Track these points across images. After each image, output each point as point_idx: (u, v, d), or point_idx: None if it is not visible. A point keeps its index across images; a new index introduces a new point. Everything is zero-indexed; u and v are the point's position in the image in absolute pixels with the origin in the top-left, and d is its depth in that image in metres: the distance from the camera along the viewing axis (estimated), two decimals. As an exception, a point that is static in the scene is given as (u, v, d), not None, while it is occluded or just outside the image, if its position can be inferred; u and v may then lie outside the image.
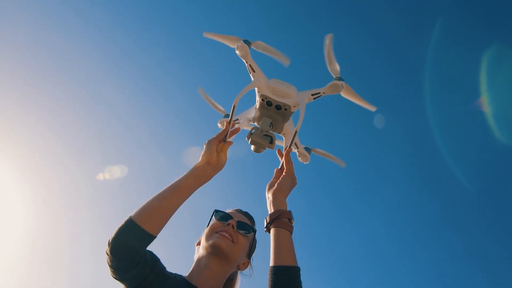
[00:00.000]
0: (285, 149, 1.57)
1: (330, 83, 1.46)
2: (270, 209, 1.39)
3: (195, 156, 1.46)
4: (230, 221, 1.46)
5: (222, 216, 1.50)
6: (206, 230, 1.49)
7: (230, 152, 1.49)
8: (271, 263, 1.23)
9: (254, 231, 1.53)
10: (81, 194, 7.47)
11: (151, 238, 1.21)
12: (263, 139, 1.53)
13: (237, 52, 1.48)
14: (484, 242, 7.35)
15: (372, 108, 1.53)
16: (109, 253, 1.18)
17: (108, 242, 1.18)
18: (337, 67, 1.46)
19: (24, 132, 7.17)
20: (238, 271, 1.52)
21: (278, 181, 1.46)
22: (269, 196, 1.43)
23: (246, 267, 1.51)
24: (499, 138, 6.37)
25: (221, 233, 1.42)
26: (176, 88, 7.23)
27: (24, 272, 7.49)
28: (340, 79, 1.45)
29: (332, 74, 1.46)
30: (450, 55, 6.70)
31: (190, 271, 1.42)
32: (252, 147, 1.57)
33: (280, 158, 1.58)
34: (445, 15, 6.71)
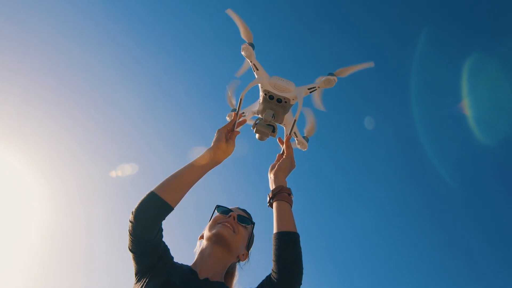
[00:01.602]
0: (286, 136, 1.62)
1: (324, 78, 1.53)
2: (271, 186, 1.45)
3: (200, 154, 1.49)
4: (231, 213, 1.48)
5: (224, 210, 1.51)
6: (209, 222, 1.50)
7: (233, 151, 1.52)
8: (275, 231, 1.28)
9: (253, 224, 1.54)
10: (95, 190, 7.51)
11: (169, 208, 1.26)
12: (267, 128, 1.60)
13: (242, 53, 1.55)
14: (465, 233, 7.40)
15: (371, 64, 1.58)
16: (132, 220, 1.22)
17: (132, 212, 1.23)
18: (343, 75, 1.54)
19: (44, 134, 7.23)
20: (237, 264, 1.51)
21: (279, 163, 1.53)
22: (271, 176, 1.50)
23: (245, 259, 1.50)
24: (479, 139, 6.39)
25: (224, 223, 1.43)
26: (183, 93, 7.27)
27: (44, 261, 7.55)
28: (332, 74, 1.52)
29: (335, 73, 1.53)
30: (434, 62, 6.72)
31: (194, 261, 1.42)
32: (257, 135, 1.64)
33: (281, 145, 1.65)
34: (430, 26, 6.73)
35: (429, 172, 7.13)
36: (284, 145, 1.60)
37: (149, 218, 1.23)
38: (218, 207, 1.54)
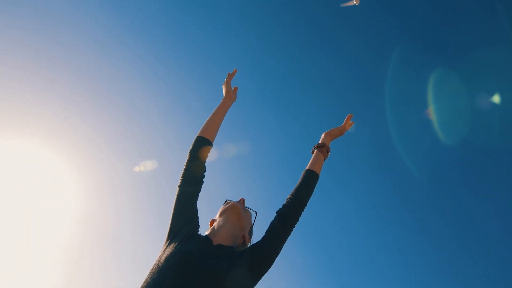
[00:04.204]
0: None
1: None
2: (320, 141, 1.73)
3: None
4: (240, 198, 1.59)
5: (232, 200, 1.59)
6: (221, 207, 1.56)
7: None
8: (307, 168, 1.56)
9: (255, 213, 1.59)
10: (122, 182, 7.81)
11: (209, 142, 1.54)
12: None
13: None
14: (429, 216, 7.81)
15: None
16: (188, 153, 1.49)
17: (188, 151, 1.50)
18: None
19: (80, 135, 7.66)
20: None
21: (332, 129, 1.79)
22: (322, 136, 1.75)
23: (248, 242, 1.49)
24: (442, 139, 6.83)
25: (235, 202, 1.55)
26: (197, 100, 7.65)
27: (78, 242, 7.96)
28: None
29: None
30: (405, 75, 7.13)
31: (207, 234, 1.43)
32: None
33: (345, 121, 1.86)
34: (401, 45, 7.20)
35: (400, 167, 7.53)
36: (346, 120, 1.84)
37: (199, 151, 1.50)
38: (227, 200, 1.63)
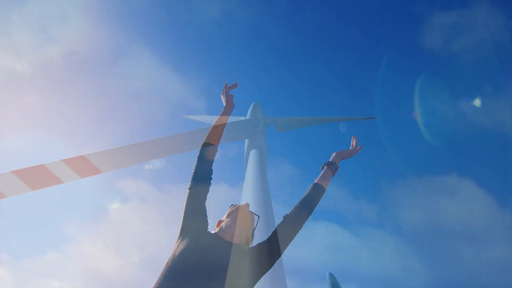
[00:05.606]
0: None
1: None
2: (330, 159, 1.82)
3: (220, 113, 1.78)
4: (245, 203, 1.66)
5: (237, 204, 1.67)
6: (227, 210, 1.61)
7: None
8: (315, 182, 1.64)
9: (258, 217, 1.66)
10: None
11: (214, 146, 1.63)
12: None
13: None
14: (415, 210, 8.27)
15: None
16: (197, 158, 1.58)
17: (197, 157, 1.58)
18: None
19: (95, 135, 8.12)
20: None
21: (343, 150, 1.88)
22: (333, 154, 1.84)
23: (251, 242, 1.53)
24: (427, 139, 7.27)
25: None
26: (202, 101, 8.06)
27: (92, 234, 8.42)
28: None
29: None
30: (393, 80, 7.55)
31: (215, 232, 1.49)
32: None
33: (353, 143, 1.97)
34: (390, 54, 7.58)
35: (389, 164, 8.04)
36: (354, 144, 1.94)
37: (205, 155, 1.57)
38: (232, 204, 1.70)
